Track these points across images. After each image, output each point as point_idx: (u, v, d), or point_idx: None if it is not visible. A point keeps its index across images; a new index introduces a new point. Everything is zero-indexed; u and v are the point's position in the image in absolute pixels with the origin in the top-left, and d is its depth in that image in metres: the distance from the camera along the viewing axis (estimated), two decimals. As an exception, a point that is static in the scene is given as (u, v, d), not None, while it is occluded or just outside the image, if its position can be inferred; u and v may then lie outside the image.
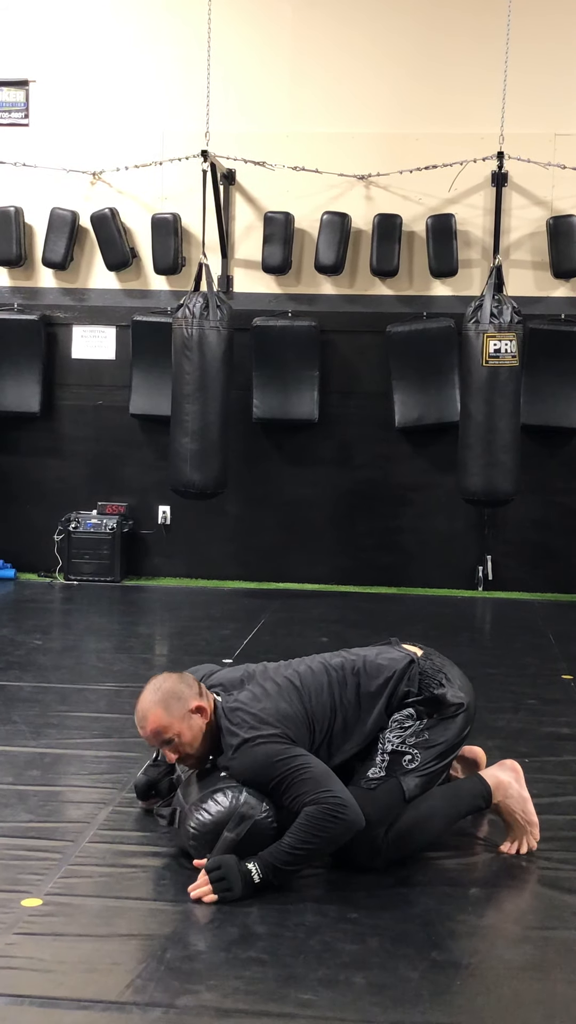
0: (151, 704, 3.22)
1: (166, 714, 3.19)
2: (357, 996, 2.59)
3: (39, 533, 8.06)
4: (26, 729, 4.55)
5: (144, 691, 3.28)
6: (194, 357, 7.13)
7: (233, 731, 3.22)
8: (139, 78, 7.98)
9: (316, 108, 7.88)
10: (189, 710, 3.21)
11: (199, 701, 3.24)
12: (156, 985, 2.61)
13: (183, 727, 3.20)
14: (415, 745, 3.28)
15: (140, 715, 3.24)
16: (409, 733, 3.30)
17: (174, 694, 3.22)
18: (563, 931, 2.93)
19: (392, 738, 3.29)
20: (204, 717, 3.23)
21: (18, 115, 8.12)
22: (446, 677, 3.43)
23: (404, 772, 3.23)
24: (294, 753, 3.16)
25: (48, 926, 2.88)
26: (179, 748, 3.22)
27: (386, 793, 3.21)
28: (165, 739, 3.21)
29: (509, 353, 6.91)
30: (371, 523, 8.05)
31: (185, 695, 3.23)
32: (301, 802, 3.09)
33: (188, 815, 3.23)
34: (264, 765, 3.15)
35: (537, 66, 7.54)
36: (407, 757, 3.26)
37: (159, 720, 3.19)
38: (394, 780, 3.23)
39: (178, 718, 3.20)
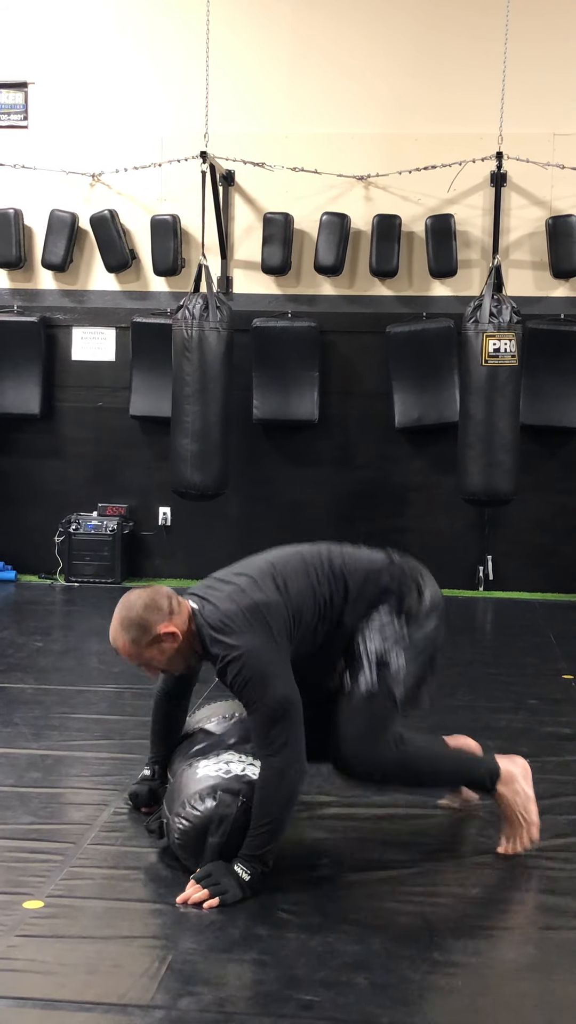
0: (118, 633, 3.24)
1: (133, 645, 3.22)
2: (359, 997, 2.60)
3: (40, 535, 8.06)
4: (27, 731, 4.55)
5: (115, 613, 3.27)
6: (194, 358, 7.14)
7: (215, 638, 3.19)
8: (138, 80, 7.98)
9: (315, 109, 7.88)
10: (157, 637, 3.20)
11: (167, 625, 3.21)
12: (158, 987, 2.61)
13: (152, 652, 3.23)
14: (396, 642, 3.31)
15: (111, 639, 3.27)
16: (389, 633, 3.32)
17: (140, 624, 3.21)
18: (565, 932, 2.94)
19: (373, 637, 3.30)
20: (174, 640, 3.22)
21: (17, 117, 8.12)
22: (422, 576, 3.49)
23: (392, 677, 3.27)
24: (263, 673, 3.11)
25: (50, 928, 2.88)
26: (156, 669, 3.30)
27: (380, 703, 3.25)
28: (138, 664, 3.27)
29: (508, 353, 6.91)
30: (371, 523, 8.04)
31: (151, 623, 3.20)
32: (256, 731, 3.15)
33: (171, 827, 3.24)
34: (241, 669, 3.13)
35: (536, 66, 7.54)
36: (392, 655, 3.29)
37: (127, 650, 3.23)
38: (385, 687, 3.25)
39: (146, 646, 3.21)
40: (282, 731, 3.09)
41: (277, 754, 3.09)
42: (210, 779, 3.22)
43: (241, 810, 3.14)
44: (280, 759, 3.09)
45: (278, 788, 3.09)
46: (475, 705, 5.08)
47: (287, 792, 3.11)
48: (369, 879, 3.21)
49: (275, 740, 3.09)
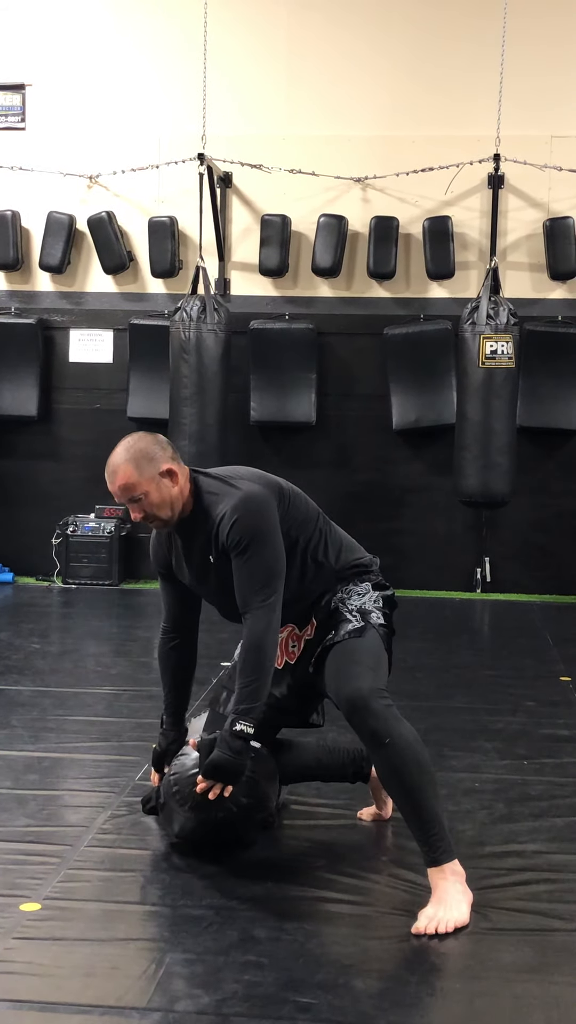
0: (121, 460, 3.21)
1: (136, 472, 3.18)
2: (356, 999, 2.59)
3: (37, 537, 8.06)
4: (24, 733, 4.54)
5: (116, 447, 3.27)
6: (192, 360, 7.14)
7: (220, 486, 3.26)
8: (136, 82, 7.98)
9: (312, 111, 7.89)
10: (160, 472, 3.20)
11: (171, 464, 3.22)
12: (155, 990, 2.61)
13: (151, 487, 3.20)
14: (376, 605, 3.33)
15: (110, 470, 3.23)
16: (368, 598, 3.34)
17: (146, 454, 3.21)
18: (562, 934, 2.93)
19: (352, 599, 3.33)
20: (174, 481, 3.22)
21: (15, 119, 8.12)
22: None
23: (376, 625, 3.29)
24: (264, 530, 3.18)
25: (47, 930, 2.88)
26: (144, 507, 3.23)
27: (372, 640, 3.25)
28: (132, 496, 3.21)
29: (506, 355, 6.92)
30: (369, 525, 8.01)
31: (157, 456, 3.21)
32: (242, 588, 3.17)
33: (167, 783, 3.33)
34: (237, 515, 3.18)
35: (533, 68, 7.54)
36: (373, 614, 3.31)
37: (128, 477, 3.19)
38: (371, 629, 3.27)
39: (147, 478, 3.19)
40: (272, 592, 3.15)
41: (263, 607, 3.14)
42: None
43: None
44: (266, 611, 3.14)
45: (265, 637, 3.14)
46: (473, 707, 5.07)
47: (272, 643, 3.16)
48: (366, 881, 3.21)
49: (265, 596, 3.14)
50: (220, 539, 3.21)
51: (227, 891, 3.11)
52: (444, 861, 3.00)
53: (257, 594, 3.16)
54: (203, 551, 3.29)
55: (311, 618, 3.37)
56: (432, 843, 3.01)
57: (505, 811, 3.76)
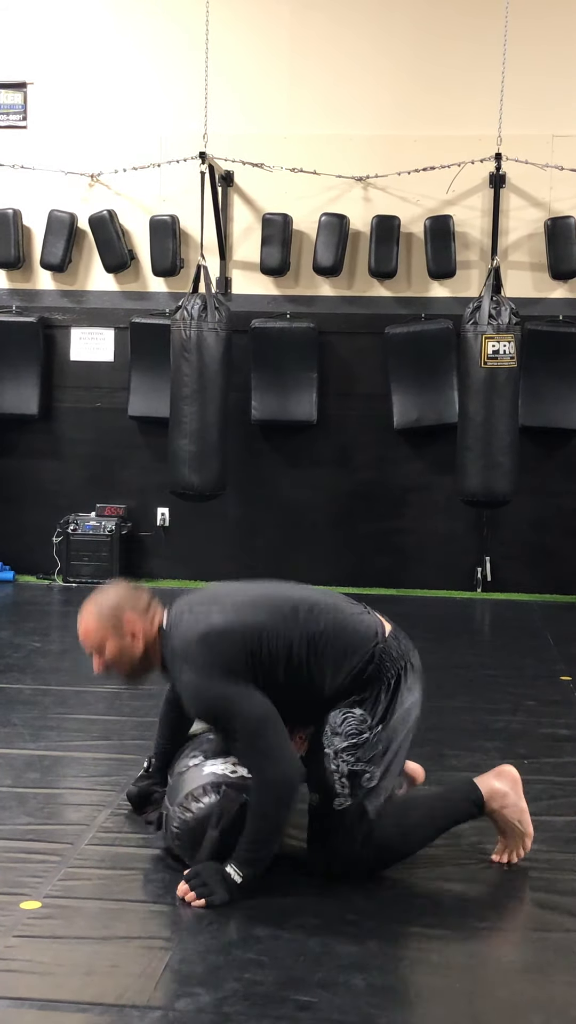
0: (88, 614, 3.24)
1: (96, 626, 3.21)
2: (356, 998, 2.59)
3: (38, 535, 8.06)
4: (25, 731, 4.55)
5: (92, 595, 3.27)
6: (193, 359, 7.13)
7: (174, 661, 3.16)
8: (137, 80, 7.98)
9: (314, 110, 7.88)
10: (121, 626, 3.19)
11: (136, 622, 3.20)
12: (155, 988, 2.61)
13: (111, 645, 3.20)
14: (370, 761, 3.14)
15: (78, 621, 3.26)
16: (364, 751, 3.14)
17: (112, 608, 3.21)
18: (561, 933, 2.93)
19: (347, 758, 3.13)
20: (136, 643, 3.20)
21: (16, 117, 8.12)
22: (411, 665, 3.27)
23: (366, 793, 3.13)
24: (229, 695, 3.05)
25: (47, 929, 2.88)
26: (104, 663, 3.24)
27: (351, 815, 3.13)
28: (92, 648, 3.24)
29: (507, 354, 6.91)
30: (370, 524, 8.05)
31: (123, 611, 3.20)
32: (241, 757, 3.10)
33: (172, 816, 3.23)
34: (204, 700, 3.11)
35: (535, 67, 7.54)
36: (365, 776, 3.13)
37: (87, 629, 3.23)
38: (358, 803, 3.13)
39: (110, 635, 3.19)
40: (265, 742, 3.04)
41: (266, 766, 3.03)
42: (216, 776, 3.22)
43: (244, 809, 3.13)
44: (269, 772, 3.03)
45: (274, 801, 3.04)
46: (473, 707, 5.07)
47: (283, 802, 3.05)
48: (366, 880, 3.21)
49: (260, 753, 3.04)
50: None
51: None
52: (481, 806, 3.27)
53: (251, 754, 3.06)
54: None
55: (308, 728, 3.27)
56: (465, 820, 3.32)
57: (505, 810, 3.75)
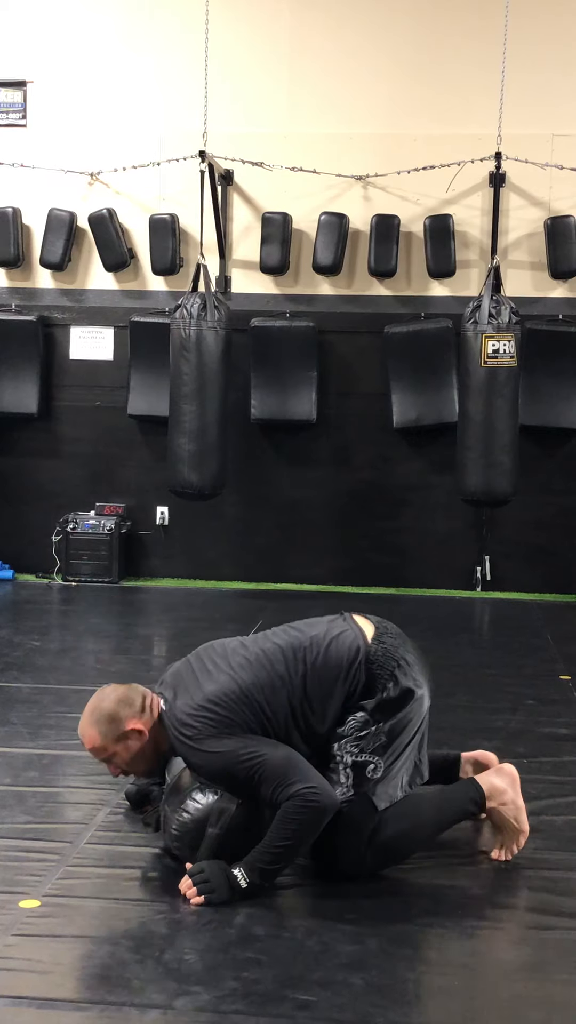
0: (87, 724, 3.20)
1: (100, 737, 3.16)
2: (355, 997, 2.59)
3: (37, 534, 8.06)
4: (24, 730, 4.55)
5: (87, 705, 3.22)
6: (192, 358, 7.13)
7: (181, 741, 3.14)
8: (137, 79, 7.98)
9: (314, 109, 7.88)
10: (124, 731, 3.15)
11: (137, 722, 3.16)
12: (154, 986, 2.61)
13: (118, 748, 3.18)
14: (374, 752, 3.16)
15: (80, 732, 3.23)
16: (367, 741, 3.17)
17: (110, 716, 3.16)
18: (561, 932, 2.93)
19: (350, 748, 3.16)
20: (141, 739, 3.17)
21: (16, 116, 8.12)
22: (404, 661, 3.26)
23: (371, 785, 3.15)
24: (248, 749, 3.06)
25: (46, 927, 2.88)
26: (119, 766, 3.23)
27: (358, 810, 3.13)
28: (102, 758, 3.22)
29: (507, 354, 6.91)
30: (369, 523, 8.05)
31: (121, 717, 3.16)
32: (274, 797, 3.03)
33: (170, 818, 3.23)
34: (223, 767, 3.08)
35: (535, 66, 7.54)
36: (370, 767, 3.15)
37: (93, 742, 3.19)
38: (364, 795, 3.14)
39: (112, 740, 3.16)
40: (299, 776, 3.03)
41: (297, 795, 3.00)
42: None
43: (242, 808, 3.13)
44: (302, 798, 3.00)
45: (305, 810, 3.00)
46: (473, 705, 5.07)
47: (312, 817, 3.02)
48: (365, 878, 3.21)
49: (290, 787, 3.01)
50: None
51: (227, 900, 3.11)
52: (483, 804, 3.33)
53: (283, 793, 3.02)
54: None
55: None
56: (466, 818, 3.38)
57: (505, 809, 3.75)
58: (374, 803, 3.15)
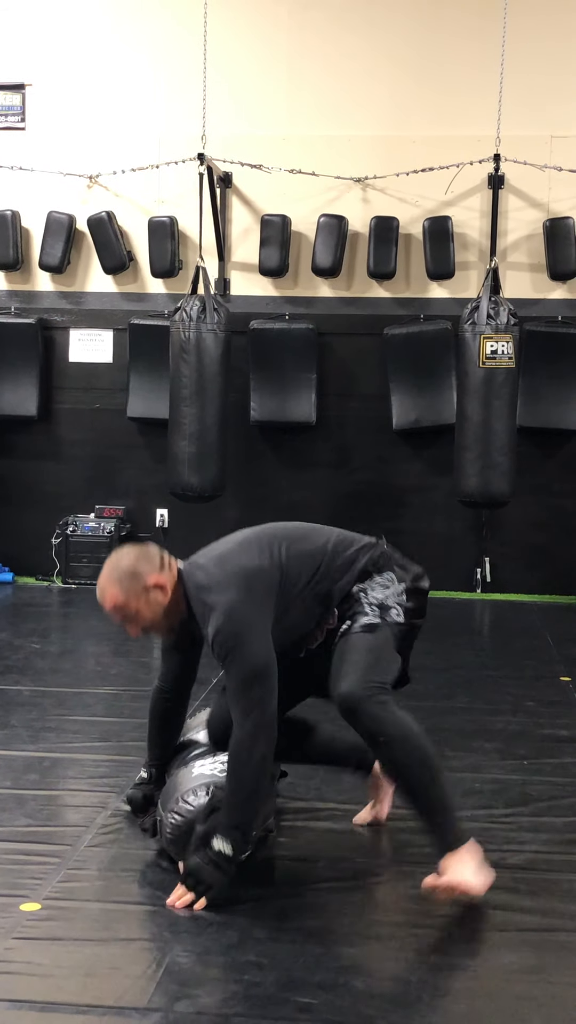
0: (108, 582, 3.20)
1: (122, 593, 3.17)
2: (356, 1000, 2.59)
3: (37, 536, 8.05)
4: (24, 733, 4.55)
5: (104, 566, 3.25)
6: (191, 360, 7.13)
7: (199, 597, 3.18)
8: (136, 81, 7.98)
9: (312, 111, 7.88)
10: (146, 587, 3.17)
11: (158, 577, 3.18)
12: (155, 990, 2.61)
13: (140, 604, 3.18)
14: (399, 603, 3.26)
15: (99, 592, 3.23)
16: (392, 591, 3.27)
17: (131, 572, 3.18)
18: (562, 934, 2.93)
19: (375, 591, 3.26)
20: (164, 594, 3.19)
21: (14, 119, 8.12)
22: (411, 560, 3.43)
23: (392, 622, 3.22)
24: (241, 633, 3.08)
25: (47, 930, 2.88)
26: (139, 624, 3.23)
27: (381, 636, 3.18)
28: (124, 616, 3.22)
29: (506, 355, 6.91)
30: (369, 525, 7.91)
31: (143, 572, 3.18)
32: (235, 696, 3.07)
33: (164, 820, 3.24)
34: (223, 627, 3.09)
35: (533, 68, 7.54)
36: (393, 611, 3.23)
37: (115, 599, 3.18)
38: (384, 627, 3.19)
39: (135, 595, 3.17)
40: (257, 693, 3.04)
41: (250, 715, 3.03)
42: (205, 776, 3.24)
43: None
44: (253, 720, 3.03)
45: (251, 752, 3.03)
46: (473, 707, 5.07)
47: (260, 756, 3.04)
48: (366, 881, 3.21)
49: (250, 701, 3.04)
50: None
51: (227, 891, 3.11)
52: (457, 846, 2.99)
53: (243, 699, 3.06)
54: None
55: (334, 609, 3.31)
56: (442, 831, 3.02)
57: (505, 811, 3.76)
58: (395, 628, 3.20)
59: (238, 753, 3.04)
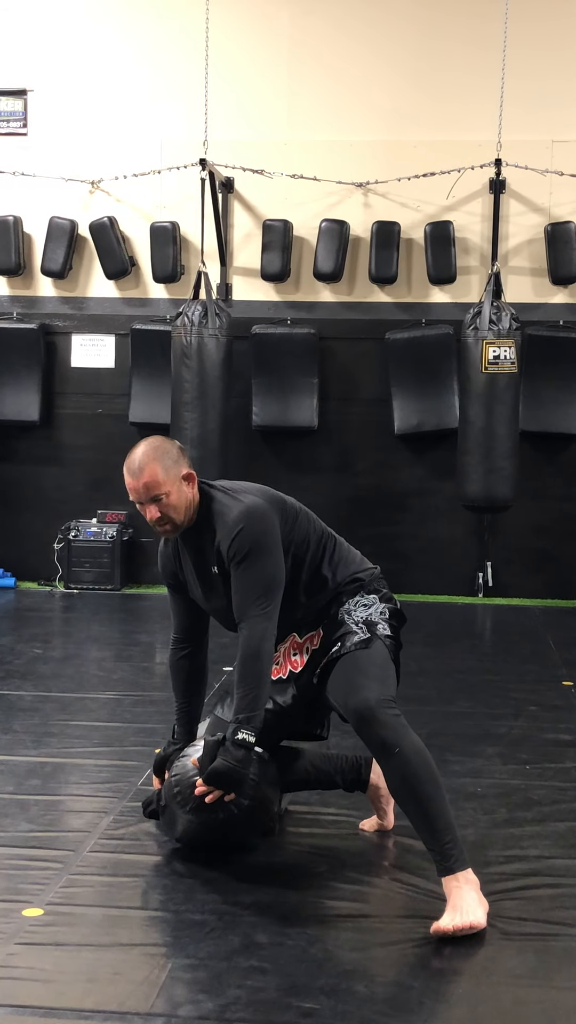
0: (148, 458, 3.28)
1: (162, 471, 3.25)
2: (359, 1004, 2.59)
3: (39, 542, 8.06)
4: (27, 738, 4.55)
5: (137, 447, 3.35)
6: (193, 365, 7.14)
7: (223, 500, 3.31)
8: (137, 87, 7.99)
9: (314, 116, 7.89)
10: (181, 475, 3.28)
11: (191, 471, 3.31)
12: (158, 995, 2.61)
13: (173, 488, 3.26)
14: (382, 616, 3.35)
15: (136, 466, 3.29)
16: (374, 610, 3.36)
17: (170, 455, 3.29)
18: (564, 939, 2.93)
19: (358, 610, 3.34)
20: (192, 487, 3.30)
21: (16, 124, 8.13)
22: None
23: (382, 636, 3.30)
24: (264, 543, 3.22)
25: (49, 936, 2.88)
26: (163, 507, 3.27)
27: (378, 651, 3.26)
28: (155, 495, 3.27)
29: (508, 360, 6.92)
30: (371, 530, 8.03)
31: (179, 459, 3.30)
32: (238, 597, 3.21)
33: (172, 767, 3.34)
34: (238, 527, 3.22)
35: (534, 73, 7.55)
36: (379, 626, 3.32)
37: (155, 474, 3.26)
38: (378, 641, 3.27)
39: (172, 479, 3.26)
40: (270, 601, 3.19)
41: (260, 616, 3.18)
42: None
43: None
44: (263, 620, 3.17)
45: (262, 646, 3.17)
46: (475, 712, 5.07)
47: (268, 652, 3.19)
48: (368, 886, 3.21)
49: (263, 606, 3.18)
50: (223, 551, 3.25)
51: (229, 896, 3.11)
52: (457, 869, 2.98)
53: (254, 604, 3.20)
54: (207, 563, 3.32)
55: (316, 627, 3.37)
56: (445, 852, 2.99)
57: (507, 816, 3.76)
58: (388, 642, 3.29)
59: (253, 648, 3.17)
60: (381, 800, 3.60)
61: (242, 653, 3.19)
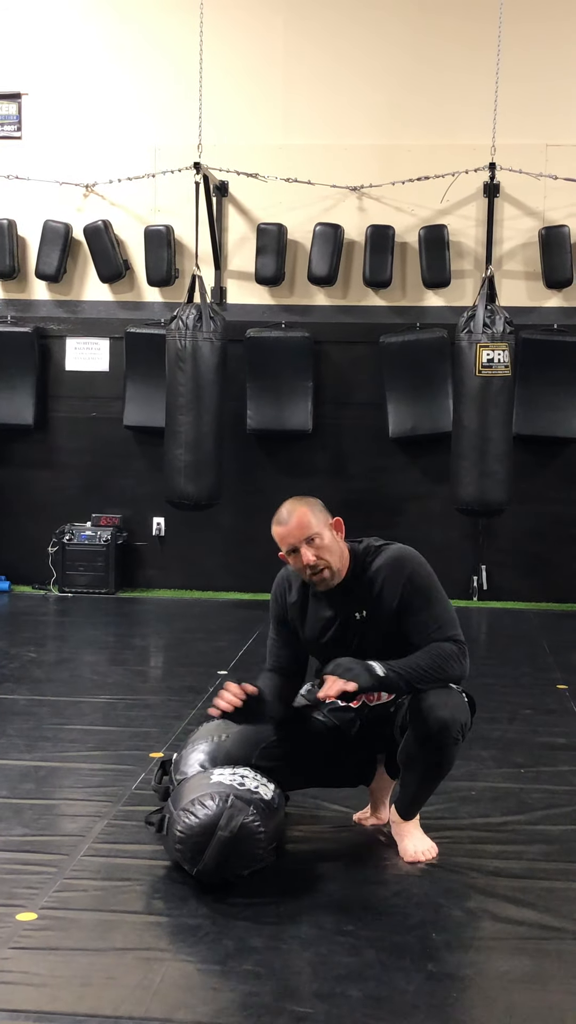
0: (296, 505, 3.40)
1: (314, 517, 3.36)
2: (353, 1009, 2.59)
3: (33, 545, 8.05)
4: (20, 742, 4.54)
5: (288, 503, 3.44)
6: (188, 368, 7.14)
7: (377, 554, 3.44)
8: (132, 91, 8.00)
9: (308, 120, 7.91)
10: (331, 522, 3.41)
11: (339, 522, 3.44)
12: (152, 999, 2.60)
13: (324, 530, 3.35)
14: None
15: (284, 515, 3.38)
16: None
17: (316, 504, 3.43)
18: (559, 942, 2.93)
19: None
20: (339, 534, 3.42)
21: (11, 128, 8.14)
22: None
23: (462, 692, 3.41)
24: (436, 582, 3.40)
25: (43, 940, 2.87)
26: (319, 550, 3.33)
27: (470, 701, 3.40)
28: (308, 535, 3.33)
29: (502, 363, 6.93)
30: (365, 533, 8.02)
31: (324, 509, 3.44)
32: (430, 627, 3.30)
33: (176, 820, 3.22)
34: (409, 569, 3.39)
35: (529, 77, 7.57)
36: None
37: (305, 516, 3.36)
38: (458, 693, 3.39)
39: (324, 524, 3.37)
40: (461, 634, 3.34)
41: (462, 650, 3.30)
42: (224, 786, 3.22)
43: (252, 820, 3.13)
44: (462, 654, 3.30)
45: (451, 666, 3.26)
46: (469, 715, 5.06)
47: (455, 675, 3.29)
48: (364, 890, 3.21)
49: (459, 638, 3.31)
50: (386, 593, 3.34)
51: (224, 900, 3.11)
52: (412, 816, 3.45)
53: (451, 631, 3.33)
54: (349, 608, 3.37)
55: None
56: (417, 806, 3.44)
57: (502, 819, 3.76)
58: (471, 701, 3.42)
59: (445, 658, 3.26)
60: (382, 793, 3.63)
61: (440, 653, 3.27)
